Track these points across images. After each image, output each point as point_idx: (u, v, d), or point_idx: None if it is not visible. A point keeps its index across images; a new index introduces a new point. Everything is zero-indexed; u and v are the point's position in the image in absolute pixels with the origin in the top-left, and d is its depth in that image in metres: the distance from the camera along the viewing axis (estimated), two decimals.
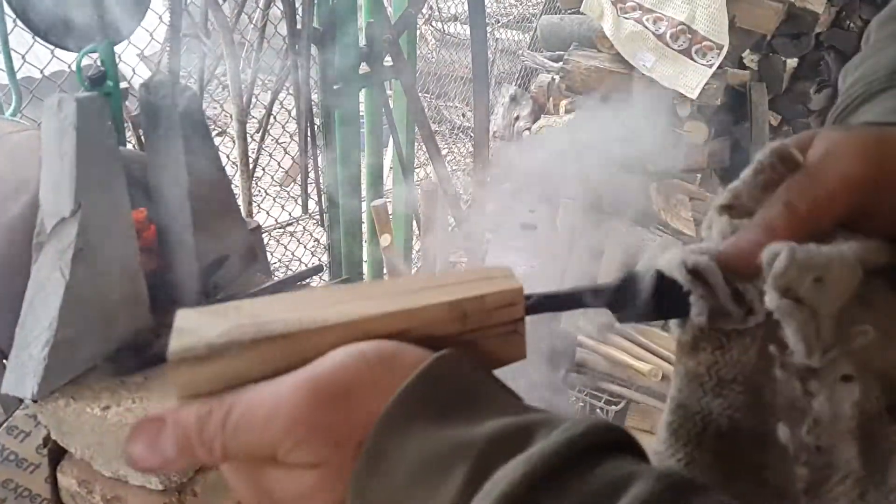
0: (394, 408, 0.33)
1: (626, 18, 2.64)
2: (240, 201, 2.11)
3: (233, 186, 2.12)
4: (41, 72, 1.65)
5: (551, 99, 2.95)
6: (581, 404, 2.08)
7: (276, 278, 1.13)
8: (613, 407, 2.12)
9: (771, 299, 0.35)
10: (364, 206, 2.04)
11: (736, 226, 0.39)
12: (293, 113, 1.96)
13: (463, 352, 0.36)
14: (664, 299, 0.38)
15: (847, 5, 3.19)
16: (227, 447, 0.34)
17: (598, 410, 2.06)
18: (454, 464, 0.31)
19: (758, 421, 0.37)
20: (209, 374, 0.35)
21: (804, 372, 0.36)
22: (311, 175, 1.86)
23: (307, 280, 1.15)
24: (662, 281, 0.38)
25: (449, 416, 0.33)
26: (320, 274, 1.64)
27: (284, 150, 3.15)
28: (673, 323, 0.40)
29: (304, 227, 2.98)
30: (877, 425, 0.35)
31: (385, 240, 1.90)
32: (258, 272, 1.19)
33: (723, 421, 0.38)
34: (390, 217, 2.07)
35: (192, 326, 0.36)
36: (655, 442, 0.41)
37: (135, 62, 1.97)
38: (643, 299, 0.38)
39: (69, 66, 1.58)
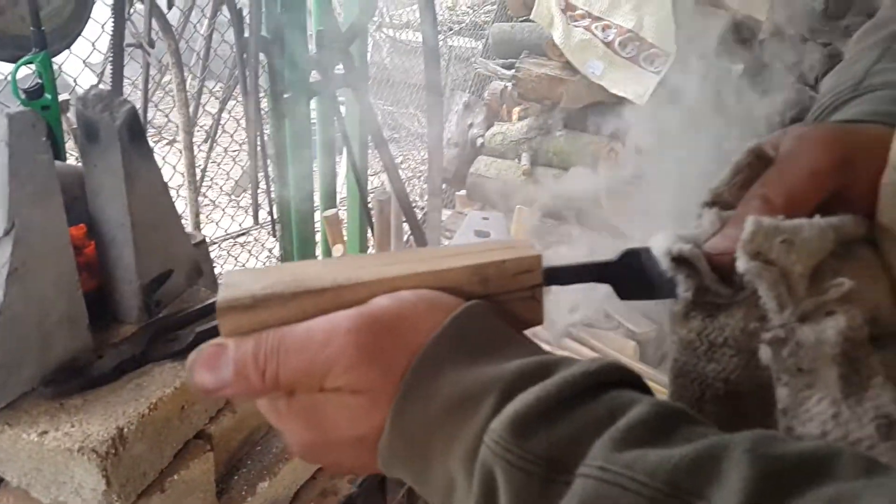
0: (431, 347, 0.37)
1: (576, 26, 2.67)
2: (187, 213, 2.07)
3: (180, 198, 2.08)
4: None
5: (504, 106, 2.97)
6: None
7: None
8: None
9: (741, 263, 0.37)
10: (317, 215, 2.02)
11: (724, 217, 0.42)
12: (242, 122, 1.93)
13: (490, 304, 0.39)
14: (657, 280, 0.41)
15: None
16: (280, 371, 0.37)
17: None
18: (483, 396, 0.35)
19: (756, 384, 0.39)
20: (253, 321, 0.38)
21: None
22: (263, 185, 1.83)
23: None
24: (654, 262, 0.41)
25: (479, 356, 0.37)
26: None
27: (234, 159, 3.10)
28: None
29: (255, 238, 2.94)
30: (861, 352, 0.37)
31: (338, 249, 1.89)
32: (204, 287, 1.16)
33: (719, 385, 0.40)
34: (343, 226, 2.05)
35: (238, 282, 0.39)
36: None
37: (76, 72, 1.92)
38: (638, 278, 0.42)
39: (5, 78, 1.53)
